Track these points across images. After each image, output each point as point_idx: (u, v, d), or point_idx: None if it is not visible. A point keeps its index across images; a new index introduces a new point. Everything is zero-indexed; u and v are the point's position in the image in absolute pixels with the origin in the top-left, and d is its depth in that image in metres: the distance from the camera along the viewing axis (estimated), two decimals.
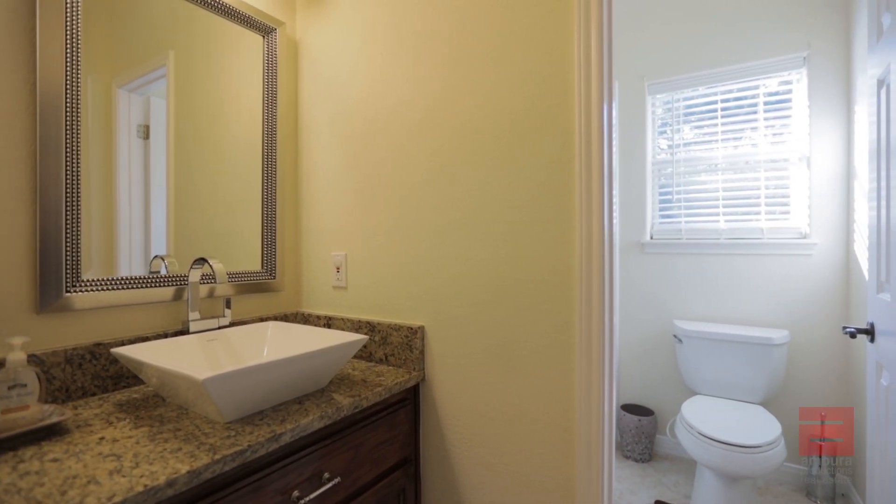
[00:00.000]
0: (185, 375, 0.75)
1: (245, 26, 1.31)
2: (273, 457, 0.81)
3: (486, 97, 1.07)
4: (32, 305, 0.90)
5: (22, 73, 0.89)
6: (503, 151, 1.05)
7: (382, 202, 1.26)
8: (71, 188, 0.94)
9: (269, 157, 1.37)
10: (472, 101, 1.09)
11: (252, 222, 1.34)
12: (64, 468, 0.65)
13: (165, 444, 0.73)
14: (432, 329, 1.17)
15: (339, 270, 1.34)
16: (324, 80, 1.40)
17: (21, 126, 0.89)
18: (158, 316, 1.11)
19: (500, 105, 1.05)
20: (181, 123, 1.17)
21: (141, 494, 0.60)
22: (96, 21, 1.00)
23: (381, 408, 1.06)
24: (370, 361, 1.26)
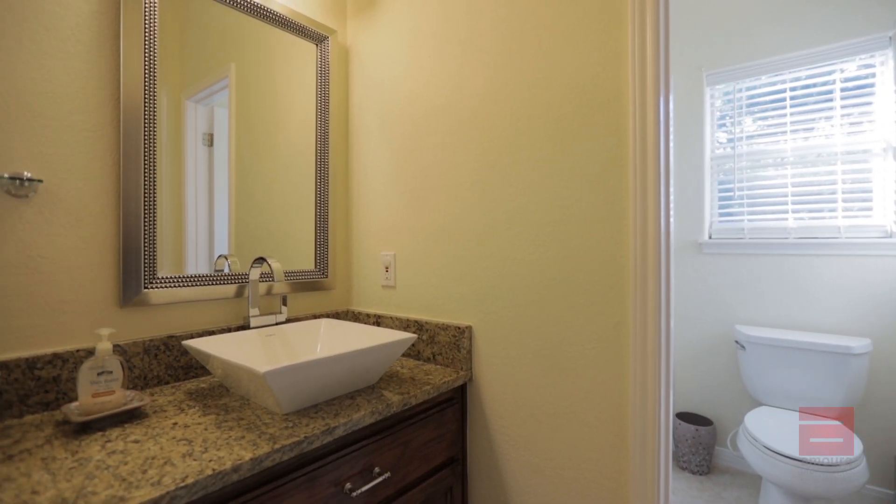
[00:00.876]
0: (248, 368, 0.79)
1: (300, 36, 1.38)
2: (327, 449, 0.84)
3: (535, 95, 1.05)
4: (116, 300, 0.99)
5: (108, 90, 0.98)
6: (552, 150, 1.03)
7: (430, 202, 1.27)
8: (148, 193, 1.03)
9: (321, 161, 1.43)
10: (521, 100, 1.08)
11: (305, 223, 1.40)
12: (144, 449, 0.71)
13: (230, 432, 0.78)
14: (480, 329, 1.16)
15: (388, 270, 1.37)
16: (373, 84, 1.43)
17: (107, 137, 0.98)
18: (222, 311, 1.18)
19: (549, 103, 1.03)
20: (241, 131, 1.25)
21: (210, 477, 0.64)
22: (169, 40, 1.08)
23: (429, 406, 1.08)
24: (418, 360, 1.28)
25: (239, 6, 1.21)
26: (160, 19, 1.05)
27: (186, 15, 1.12)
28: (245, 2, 1.22)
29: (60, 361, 0.89)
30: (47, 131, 0.90)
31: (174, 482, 0.61)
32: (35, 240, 0.88)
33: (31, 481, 0.62)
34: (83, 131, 0.94)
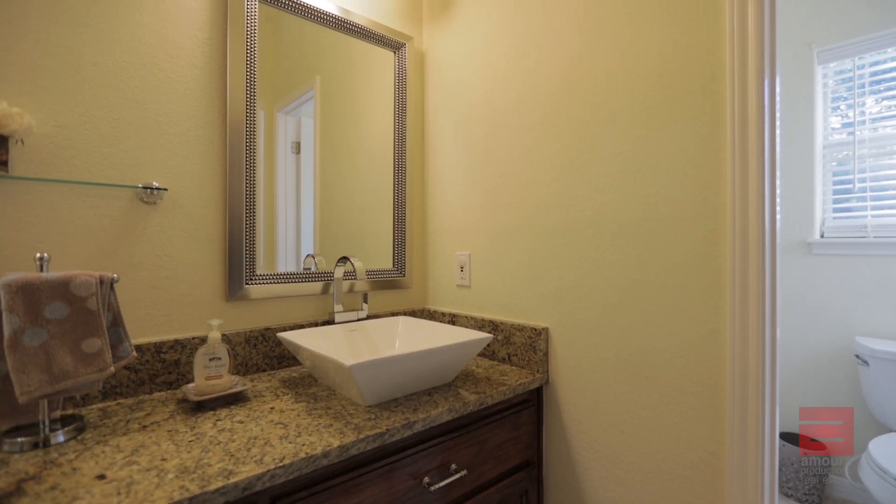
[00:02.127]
0: (335, 361, 0.85)
1: (379, 45, 1.44)
2: (406, 443, 0.87)
3: (616, 87, 1.00)
4: (223, 294, 1.11)
5: (217, 107, 1.10)
6: (636, 144, 0.97)
7: (506, 201, 1.26)
8: (249, 198, 1.13)
9: (399, 163, 1.48)
10: (600, 93, 1.03)
11: (384, 223, 1.46)
12: (247, 429, 0.79)
13: (320, 420, 0.83)
14: (557, 331, 1.13)
15: (464, 269, 1.38)
16: (448, 86, 1.46)
17: (217, 150, 1.10)
18: (310, 307, 1.27)
19: (632, 94, 0.98)
20: (325, 138, 1.33)
21: (303, 460, 0.69)
22: (264, 59, 1.19)
23: (504, 407, 1.07)
24: (493, 360, 1.28)
25: (325, 22, 1.30)
26: (258, 41, 1.16)
27: (277, 35, 1.22)
28: (330, 17, 1.30)
29: (180, 347, 1.02)
30: (171, 146, 1.03)
31: (273, 461, 0.67)
32: (161, 241, 1.02)
33: (160, 450, 0.71)
34: (198, 145, 1.07)
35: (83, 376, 0.75)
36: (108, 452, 0.70)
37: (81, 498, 0.57)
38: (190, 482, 0.61)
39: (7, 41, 0.85)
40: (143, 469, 0.65)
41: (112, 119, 0.96)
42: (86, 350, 0.76)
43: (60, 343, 0.74)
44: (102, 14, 0.94)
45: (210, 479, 0.62)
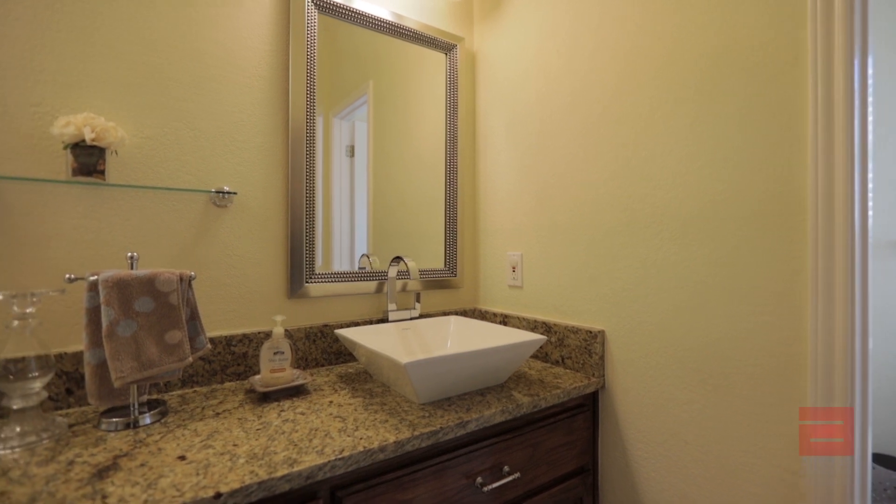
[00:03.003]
0: (391, 358, 0.87)
1: (430, 48, 1.46)
2: (459, 442, 0.87)
3: (677, 78, 0.95)
4: (285, 292, 1.17)
5: (280, 115, 1.16)
6: (701, 137, 0.91)
7: (560, 200, 1.24)
8: (309, 201, 1.19)
9: (451, 164, 1.49)
10: (660, 86, 0.98)
11: (436, 224, 1.48)
12: (308, 421, 0.83)
13: (376, 415, 0.86)
14: (614, 334, 1.09)
15: (515, 270, 1.37)
16: (499, 86, 1.45)
17: (280, 155, 1.16)
18: (365, 305, 1.31)
19: (696, 86, 0.92)
20: (378, 141, 1.37)
21: (361, 453, 0.72)
22: (322, 67, 1.24)
23: (558, 410, 1.05)
24: (546, 362, 1.25)
25: (378, 28, 1.33)
26: (317, 50, 1.21)
27: (334, 43, 1.27)
28: (384, 23, 1.33)
29: (247, 340, 1.09)
30: (239, 152, 1.10)
31: (333, 453, 0.70)
32: (231, 241, 1.09)
33: (232, 436, 0.76)
34: (263, 151, 1.14)
35: (166, 365, 0.83)
36: (187, 436, 0.76)
37: (166, 476, 0.63)
38: (258, 468, 0.65)
39: (104, 64, 0.95)
40: (217, 453, 0.70)
41: (190, 129, 1.04)
42: (168, 341, 0.84)
43: (147, 334, 0.82)
44: (182, 34, 1.03)
45: (276, 466, 0.66)
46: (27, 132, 0.88)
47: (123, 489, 0.59)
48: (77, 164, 0.88)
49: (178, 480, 0.62)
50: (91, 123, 0.86)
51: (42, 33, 0.89)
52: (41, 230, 0.89)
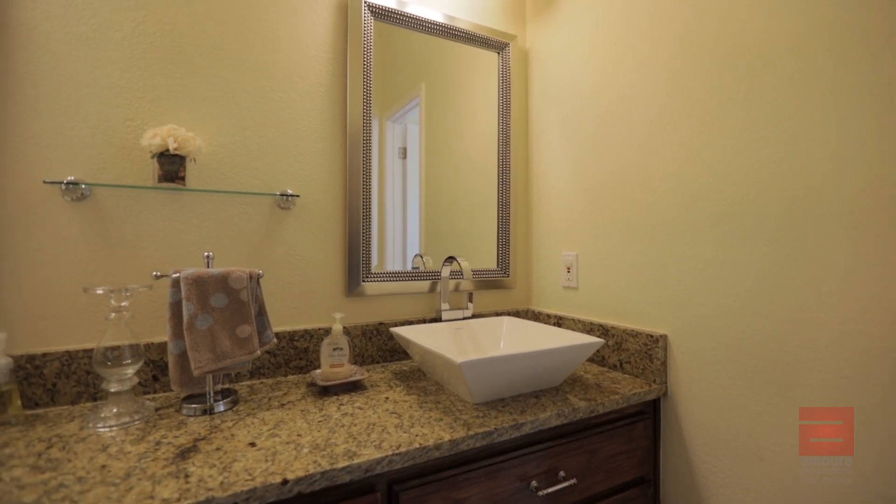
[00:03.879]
0: (445, 357, 0.88)
1: (483, 47, 1.45)
2: (514, 444, 0.86)
3: (755, 59, 0.88)
4: (343, 290, 1.22)
5: (339, 121, 1.21)
6: (781, 126, 0.84)
7: (617, 199, 1.19)
8: (365, 202, 1.23)
9: (503, 163, 1.48)
10: (733, 71, 0.91)
11: (488, 224, 1.47)
12: (366, 415, 0.86)
13: (430, 413, 0.87)
14: (678, 339, 1.03)
15: (570, 270, 1.34)
16: (553, 82, 1.42)
17: (338, 159, 1.21)
18: (418, 304, 1.33)
19: (775, 67, 0.84)
20: (430, 142, 1.38)
21: (417, 450, 0.73)
22: (376, 72, 1.27)
23: (616, 417, 1.01)
24: (603, 366, 1.21)
25: (431, 30, 1.35)
26: (373, 56, 1.25)
27: (388, 48, 1.30)
28: (437, 26, 1.35)
29: (308, 336, 1.15)
30: (301, 157, 1.16)
31: (391, 448, 0.72)
32: (294, 242, 1.16)
33: (296, 426, 0.80)
34: (323, 155, 1.19)
35: (237, 357, 0.89)
36: (256, 424, 0.81)
37: (239, 460, 0.68)
38: (321, 458, 0.68)
39: (185, 79, 1.03)
40: (283, 442, 0.74)
41: (258, 137, 1.11)
42: (239, 335, 0.90)
43: (221, 328, 0.88)
44: (251, 47, 1.10)
45: (337, 457, 0.68)
46: (122, 144, 0.98)
47: (203, 470, 0.65)
48: (162, 171, 0.96)
49: (250, 465, 0.66)
50: (174, 134, 0.94)
51: (134, 55, 0.99)
52: (133, 232, 0.99)
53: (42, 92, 0.92)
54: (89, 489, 0.59)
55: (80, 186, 0.93)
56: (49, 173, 0.91)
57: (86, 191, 0.94)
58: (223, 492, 0.59)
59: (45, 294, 0.92)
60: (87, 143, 0.95)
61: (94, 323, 0.95)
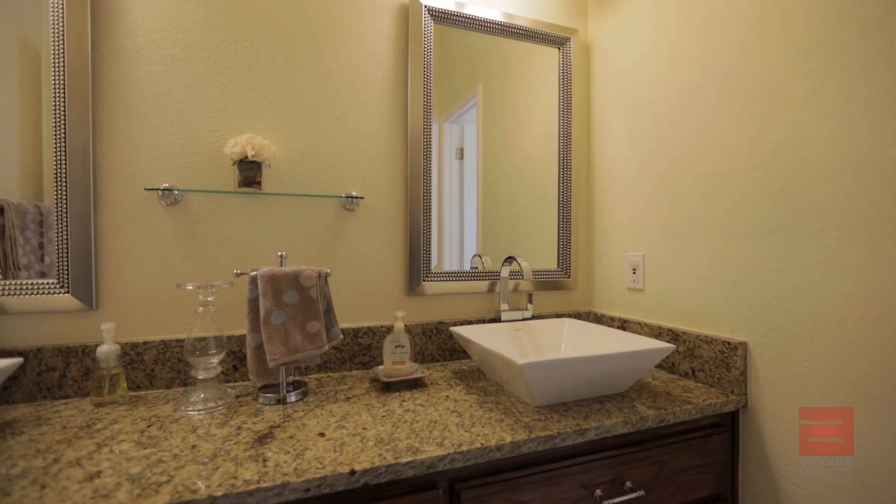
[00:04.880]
0: (507, 358, 0.87)
1: (542, 43, 1.42)
2: (577, 450, 0.84)
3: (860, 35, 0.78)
4: (404, 289, 1.25)
5: (400, 124, 1.25)
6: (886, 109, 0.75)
7: (689, 196, 1.12)
8: (426, 203, 1.25)
9: (564, 161, 1.44)
10: (832, 51, 0.82)
11: (548, 223, 1.44)
12: (427, 413, 0.87)
13: (491, 413, 0.87)
14: (760, 347, 0.95)
15: (636, 271, 1.27)
16: (616, 75, 1.36)
17: (400, 161, 1.24)
18: (477, 304, 1.34)
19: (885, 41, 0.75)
20: (487, 141, 1.37)
21: (478, 450, 0.73)
22: (435, 76, 1.29)
23: (689, 428, 0.95)
24: (672, 373, 1.14)
25: (489, 30, 1.34)
26: (433, 60, 1.27)
27: (445, 50, 1.31)
28: (495, 25, 1.34)
29: (371, 333, 1.19)
30: (365, 160, 1.21)
31: (452, 446, 0.73)
32: (358, 242, 1.20)
33: (361, 420, 0.84)
34: (386, 158, 1.23)
35: (307, 351, 0.94)
36: (324, 415, 0.86)
37: (310, 449, 0.71)
38: (385, 451, 0.70)
39: (260, 90, 1.11)
40: (350, 434, 0.77)
41: (325, 142, 1.17)
42: (309, 330, 0.95)
43: (293, 323, 0.94)
44: (319, 58, 1.16)
45: (401, 452, 0.70)
46: (207, 153, 1.07)
47: (278, 455, 0.69)
48: (241, 176, 1.04)
49: (320, 454, 0.70)
50: (252, 142, 1.01)
51: (218, 71, 1.08)
52: (217, 233, 1.08)
53: (144, 109, 1.03)
54: (183, 466, 0.66)
55: (174, 192, 1.03)
56: (149, 181, 1.02)
57: (178, 196, 1.05)
58: (297, 477, 0.63)
59: (144, 289, 1.03)
60: (179, 152, 1.05)
61: (184, 316, 1.05)
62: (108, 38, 1.00)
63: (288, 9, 1.13)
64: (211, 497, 0.58)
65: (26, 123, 0.94)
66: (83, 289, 0.97)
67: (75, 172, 0.96)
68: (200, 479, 0.62)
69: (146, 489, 0.59)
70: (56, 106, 0.95)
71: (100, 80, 0.99)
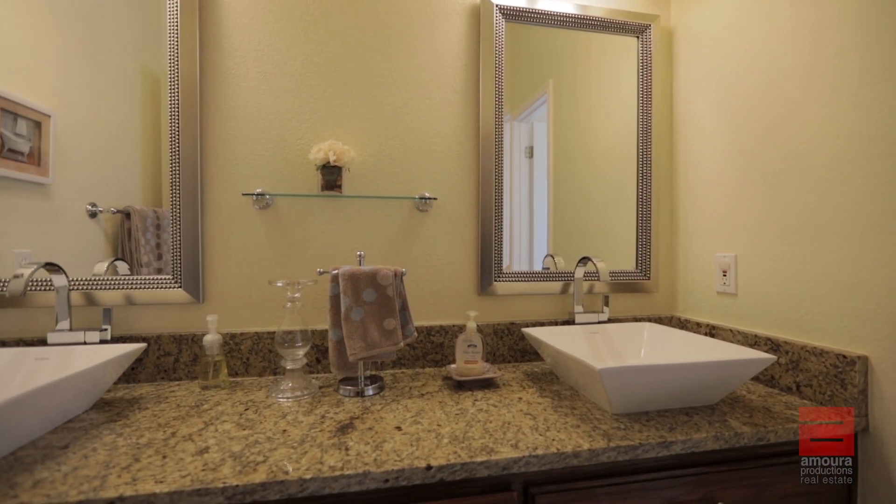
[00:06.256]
0: (583, 362, 0.84)
1: (618, 33, 1.35)
2: (661, 463, 0.79)
3: None
4: (476, 289, 1.25)
5: (472, 124, 1.25)
6: None
7: (795, 191, 1.00)
8: (497, 203, 1.25)
9: (643, 155, 1.36)
10: None
11: (624, 222, 1.37)
12: (500, 414, 0.87)
13: (566, 418, 0.84)
14: (884, 363, 0.83)
15: (727, 274, 1.17)
16: (705, 60, 1.25)
17: (471, 161, 1.25)
18: (549, 305, 1.30)
19: None
20: (558, 138, 1.33)
21: (555, 455, 0.71)
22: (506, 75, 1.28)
23: (793, 449, 0.85)
24: (771, 387, 1.03)
25: (562, 23, 1.30)
26: (504, 59, 1.26)
27: (514, 49, 1.29)
28: (569, 18, 1.30)
29: (443, 332, 1.21)
30: (437, 162, 1.23)
31: (527, 449, 0.72)
32: (430, 242, 1.23)
33: (435, 416, 0.85)
34: (458, 159, 1.24)
35: (384, 347, 0.98)
36: (400, 410, 0.89)
37: (388, 441, 0.74)
38: (460, 449, 0.71)
39: (340, 99, 1.18)
40: (425, 429, 0.79)
41: (399, 145, 1.21)
42: (386, 327, 0.99)
43: (371, 320, 0.98)
44: (394, 65, 1.20)
45: (475, 451, 0.71)
46: (294, 160, 1.15)
47: (359, 446, 0.73)
48: (324, 180, 1.11)
49: (397, 447, 0.72)
50: (333, 148, 1.08)
51: (303, 83, 1.16)
52: (302, 233, 1.16)
53: (241, 122, 1.13)
54: (275, 448, 0.71)
55: (266, 196, 1.12)
56: (245, 187, 1.13)
57: (269, 200, 1.14)
58: (377, 468, 0.66)
59: (241, 284, 1.13)
60: (269, 160, 1.14)
61: (274, 310, 1.14)
62: (213, 60, 1.12)
63: (366, 20, 1.19)
64: (301, 479, 0.63)
65: (147, 140, 1.08)
66: (192, 284, 1.09)
67: (187, 181, 1.08)
68: (290, 461, 0.67)
69: (246, 467, 0.65)
70: (172, 124, 1.08)
71: (205, 98, 1.11)
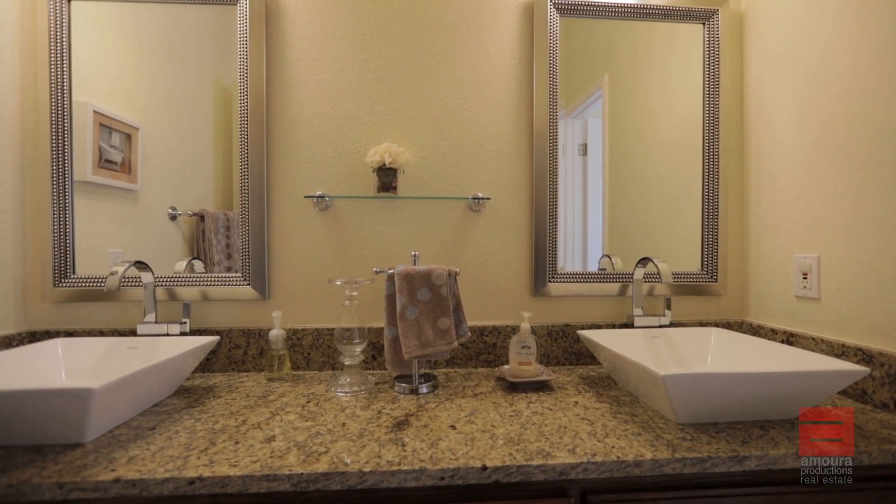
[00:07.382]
0: (644, 367, 0.80)
1: (683, 21, 1.28)
2: (732, 479, 0.73)
3: None
4: (530, 289, 1.24)
5: (525, 123, 1.24)
6: None
7: (888, 181, 0.90)
8: (551, 202, 1.22)
9: (709, 151, 1.28)
10: None
11: (688, 221, 1.29)
12: (555, 417, 0.85)
13: (626, 426, 0.81)
14: None
15: (808, 276, 1.07)
16: (780, 46, 1.15)
17: (525, 160, 1.24)
18: (606, 307, 1.26)
19: None
20: (614, 135, 1.28)
21: (615, 463, 0.69)
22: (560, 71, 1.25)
23: (891, 473, 0.76)
24: (863, 403, 0.93)
25: (620, 14, 1.25)
26: (558, 55, 1.23)
27: (568, 44, 1.25)
28: (628, 8, 1.25)
29: (497, 332, 1.20)
30: (490, 162, 1.23)
31: (585, 455, 0.70)
32: (483, 242, 1.23)
33: (489, 417, 0.85)
34: (510, 158, 1.23)
35: (438, 346, 0.99)
36: (454, 409, 0.89)
37: (443, 439, 0.75)
38: (515, 452, 0.71)
39: (395, 102, 1.20)
40: (479, 430, 0.79)
41: (452, 146, 1.22)
42: (440, 326, 1.00)
43: (425, 319, 1.00)
44: (447, 66, 1.21)
45: (531, 454, 0.70)
46: (352, 162, 1.20)
47: (415, 442, 0.74)
48: (380, 182, 1.15)
49: (452, 446, 0.73)
50: (389, 151, 1.10)
51: (360, 88, 1.20)
52: (359, 234, 1.20)
53: (302, 129, 1.19)
54: (336, 440, 0.74)
55: (325, 198, 1.17)
56: (306, 189, 1.18)
57: (328, 202, 1.19)
58: (433, 465, 0.66)
59: (302, 282, 1.19)
60: (329, 163, 1.19)
61: (333, 308, 1.19)
62: (278, 71, 1.18)
63: (419, 25, 1.21)
64: (360, 472, 0.65)
65: (219, 148, 1.16)
66: (259, 281, 1.16)
67: (254, 185, 1.16)
68: (350, 454, 0.69)
69: (309, 456, 0.69)
70: (241, 132, 1.16)
71: (271, 107, 1.18)
